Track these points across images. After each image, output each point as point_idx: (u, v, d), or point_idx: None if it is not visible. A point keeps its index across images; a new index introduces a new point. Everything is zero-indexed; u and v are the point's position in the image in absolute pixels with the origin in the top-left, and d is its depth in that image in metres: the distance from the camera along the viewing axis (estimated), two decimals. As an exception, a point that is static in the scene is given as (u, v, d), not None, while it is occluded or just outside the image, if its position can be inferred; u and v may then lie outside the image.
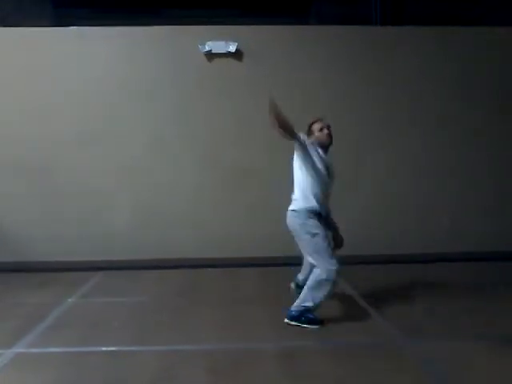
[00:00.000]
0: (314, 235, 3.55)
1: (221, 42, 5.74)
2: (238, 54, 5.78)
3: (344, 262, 3.54)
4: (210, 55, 5.78)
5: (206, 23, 5.86)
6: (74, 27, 5.93)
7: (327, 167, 3.70)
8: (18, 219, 5.74)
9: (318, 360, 3.02)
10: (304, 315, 3.58)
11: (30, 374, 2.89)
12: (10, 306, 4.31)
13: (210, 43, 5.73)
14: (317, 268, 3.54)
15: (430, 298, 4.31)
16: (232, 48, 5.73)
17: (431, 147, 5.93)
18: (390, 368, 2.88)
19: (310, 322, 3.57)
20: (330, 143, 3.79)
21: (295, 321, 3.59)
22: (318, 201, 3.63)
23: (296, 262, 4.07)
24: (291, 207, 3.71)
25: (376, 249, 5.79)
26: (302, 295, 3.61)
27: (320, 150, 3.71)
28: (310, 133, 3.80)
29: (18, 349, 3.27)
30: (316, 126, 3.80)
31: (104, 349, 3.26)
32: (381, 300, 4.25)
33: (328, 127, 3.79)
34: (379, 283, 4.91)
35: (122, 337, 3.48)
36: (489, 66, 5.95)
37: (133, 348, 3.28)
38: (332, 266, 3.48)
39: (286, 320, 3.62)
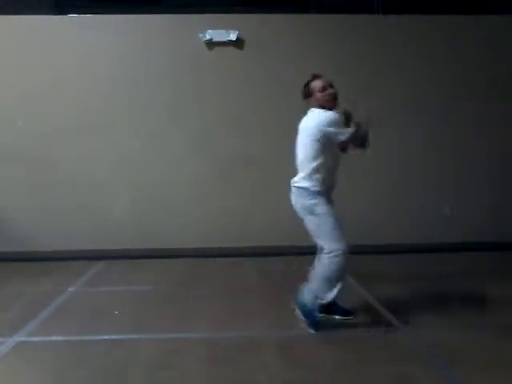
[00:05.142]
0: (317, 215, 3.13)
1: (221, 30, 5.70)
2: (238, 43, 5.75)
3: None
4: (211, 44, 5.74)
5: (206, 12, 5.82)
6: (74, 15, 5.90)
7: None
8: (18, 209, 5.74)
9: (317, 349, 3.03)
10: (312, 314, 3.21)
11: (31, 363, 2.90)
12: (12, 295, 4.33)
13: (210, 32, 5.69)
14: (324, 256, 3.13)
15: (429, 288, 4.32)
16: (233, 36, 5.69)
17: (433, 136, 5.90)
18: (388, 357, 2.89)
19: (313, 324, 3.23)
20: (335, 106, 3.15)
21: (305, 316, 3.21)
22: (324, 179, 3.17)
23: (297, 251, 4.05)
24: (294, 184, 3.28)
25: (377, 239, 5.79)
26: (313, 285, 3.21)
27: None
28: (308, 94, 3.20)
29: (20, 337, 3.28)
30: (317, 84, 3.15)
31: (105, 337, 3.27)
32: (380, 289, 4.25)
33: (331, 85, 3.15)
34: (379, 273, 4.92)
35: (122, 325, 3.50)
36: (490, 54, 5.90)
37: (134, 336, 3.29)
38: (337, 250, 3.06)
39: (297, 311, 3.25)
